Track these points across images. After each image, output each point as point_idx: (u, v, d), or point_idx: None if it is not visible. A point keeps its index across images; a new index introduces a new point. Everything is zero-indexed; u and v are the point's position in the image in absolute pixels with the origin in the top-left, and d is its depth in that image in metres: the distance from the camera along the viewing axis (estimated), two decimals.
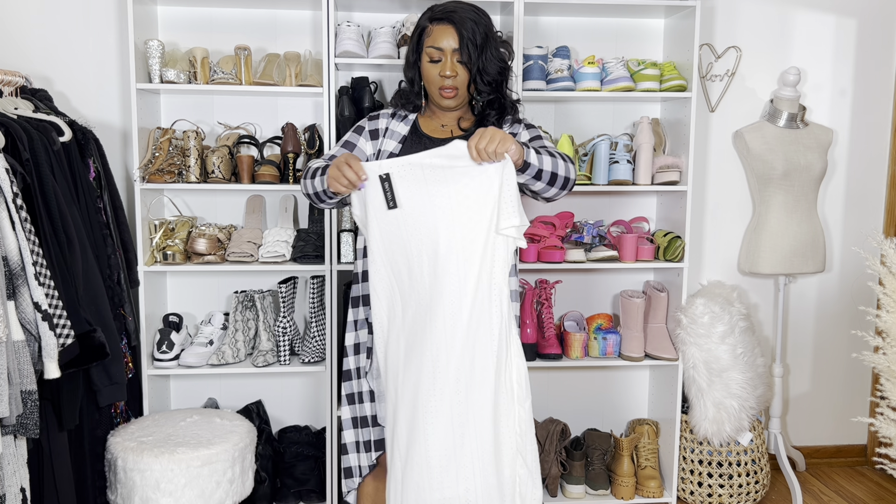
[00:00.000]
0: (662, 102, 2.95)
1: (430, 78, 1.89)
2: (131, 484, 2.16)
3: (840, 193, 3.16)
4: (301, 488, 2.71)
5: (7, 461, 1.80)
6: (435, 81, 1.89)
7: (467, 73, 1.87)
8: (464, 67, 1.86)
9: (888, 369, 1.92)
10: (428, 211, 1.73)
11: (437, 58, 1.86)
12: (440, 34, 1.86)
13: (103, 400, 2.15)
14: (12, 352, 1.75)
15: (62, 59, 2.71)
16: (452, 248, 1.73)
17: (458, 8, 1.88)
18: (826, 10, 3.05)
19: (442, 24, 1.87)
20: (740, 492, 2.83)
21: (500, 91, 1.94)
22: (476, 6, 1.90)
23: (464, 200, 1.72)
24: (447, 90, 1.88)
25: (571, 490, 2.84)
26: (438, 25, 1.87)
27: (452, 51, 1.85)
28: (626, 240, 2.76)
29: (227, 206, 2.86)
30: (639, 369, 3.10)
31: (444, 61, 1.86)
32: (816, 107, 3.09)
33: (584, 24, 2.91)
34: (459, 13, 1.86)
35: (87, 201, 2.21)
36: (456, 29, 1.85)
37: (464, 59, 1.85)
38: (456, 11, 1.87)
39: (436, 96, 1.91)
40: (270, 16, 2.80)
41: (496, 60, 1.88)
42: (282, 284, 2.70)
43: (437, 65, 1.87)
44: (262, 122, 2.84)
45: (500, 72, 1.90)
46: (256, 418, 2.80)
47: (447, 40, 1.85)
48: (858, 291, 3.19)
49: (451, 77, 1.86)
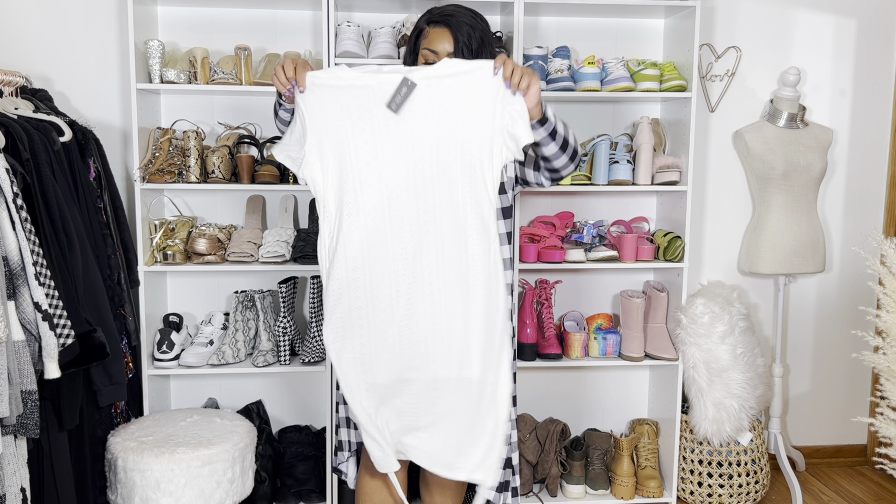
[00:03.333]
0: (662, 102, 2.95)
1: None
2: (131, 484, 2.16)
3: (840, 193, 3.16)
4: (301, 488, 2.71)
5: (7, 461, 1.80)
6: None
7: None
8: None
9: (888, 369, 1.92)
10: (433, 121, 1.71)
11: (432, 60, 1.85)
12: (436, 37, 1.86)
13: (103, 400, 2.15)
14: (12, 352, 1.75)
15: (62, 59, 2.71)
16: (452, 155, 1.72)
17: (455, 11, 1.88)
18: (826, 10, 3.05)
19: (438, 28, 1.87)
20: (740, 492, 2.83)
21: None
22: (474, 11, 1.90)
23: (467, 106, 1.71)
24: None
25: (571, 490, 2.84)
26: (435, 28, 1.87)
27: (447, 54, 1.84)
28: (626, 240, 2.76)
29: (227, 206, 2.86)
30: (639, 369, 3.10)
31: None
32: (816, 107, 3.09)
33: (584, 24, 2.92)
34: (457, 17, 1.86)
35: (87, 201, 2.21)
36: (452, 33, 1.85)
37: None
38: (453, 15, 1.87)
39: None
40: (270, 16, 2.80)
41: None
42: (282, 284, 2.70)
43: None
44: (262, 122, 2.84)
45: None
46: (256, 418, 2.80)
47: (443, 44, 1.85)
48: (858, 291, 3.19)
49: None
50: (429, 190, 1.74)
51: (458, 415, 1.77)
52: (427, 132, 1.73)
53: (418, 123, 1.73)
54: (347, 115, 1.74)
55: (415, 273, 1.74)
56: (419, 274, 1.74)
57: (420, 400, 1.79)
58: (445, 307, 1.75)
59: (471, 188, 1.73)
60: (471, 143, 1.73)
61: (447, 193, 1.73)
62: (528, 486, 2.83)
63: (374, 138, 1.73)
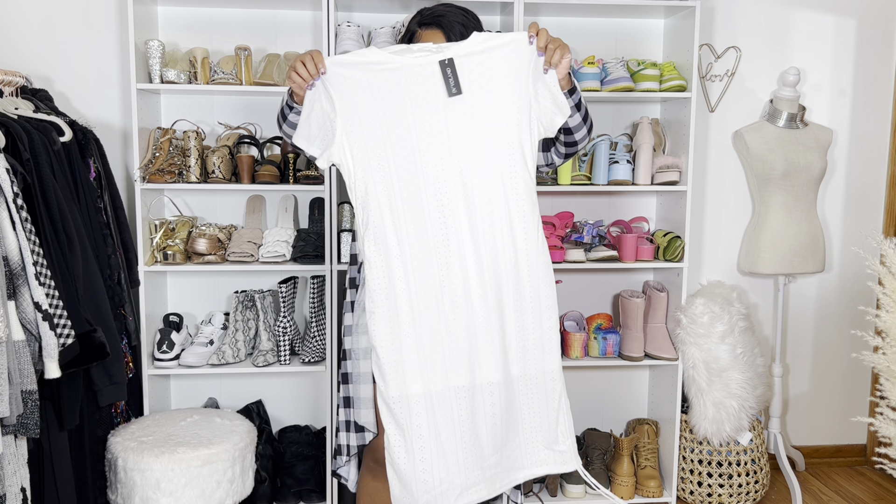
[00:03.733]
0: (662, 102, 2.95)
1: None
2: (131, 484, 2.16)
3: (840, 193, 3.17)
4: (301, 488, 2.71)
5: (7, 461, 1.80)
6: None
7: None
8: None
9: (888, 369, 1.92)
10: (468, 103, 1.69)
11: None
12: (429, 39, 1.84)
13: (104, 400, 2.15)
14: (13, 352, 1.75)
15: (62, 59, 2.71)
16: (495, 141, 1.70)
17: (446, 11, 1.85)
18: (826, 10, 3.05)
19: (430, 29, 1.85)
20: (740, 491, 2.84)
21: None
22: (465, 9, 1.87)
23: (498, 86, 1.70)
24: None
25: (571, 490, 2.84)
26: (427, 30, 1.85)
27: None
28: (625, 240, 2.77)
29: (228, 206, 2.86)
30: (638, 369, 3.10)
31: None
32: (816, 107, 3.09)
33: (583, 24, 2.92)
34: (448, 17, 1.84)
35: (87, 201, 2.21)
36: (444, 33, 1.83)
37: None
38: (444, 15, 1.84)
39: None
40: (270, 16, 2.80)
41: None
42: (282, 284, 2.70)
43: None
44: (262, 122, 2.84)
45: None
46: (256, 418, 2.80)
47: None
48: (858, 291, 3.19)
49: None
50: (466, 173, 1.69)
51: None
52: (462, 113, 1.68)
53: (455, 104, 1.68)
54: (380, 99, 1.68)
55: (452, 263, 1.71)
56: (457, 262, 1.71)
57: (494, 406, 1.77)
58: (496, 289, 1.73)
59: (510, 167, 1.70)
60: (508, 122, 1.69)
61: (485, 176, 1.69)
62: (528, 486, 2.83)
63: (409, 121, 1.68)
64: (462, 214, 1.70)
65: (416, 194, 1.69)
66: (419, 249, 1.69)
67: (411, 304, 1.70)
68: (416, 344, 1.71)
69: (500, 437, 1.77)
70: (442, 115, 1.68)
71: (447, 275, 1.70)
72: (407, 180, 1.69)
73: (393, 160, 1.69)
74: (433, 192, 1.69)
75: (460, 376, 1.72)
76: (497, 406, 1.75)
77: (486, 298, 1.71)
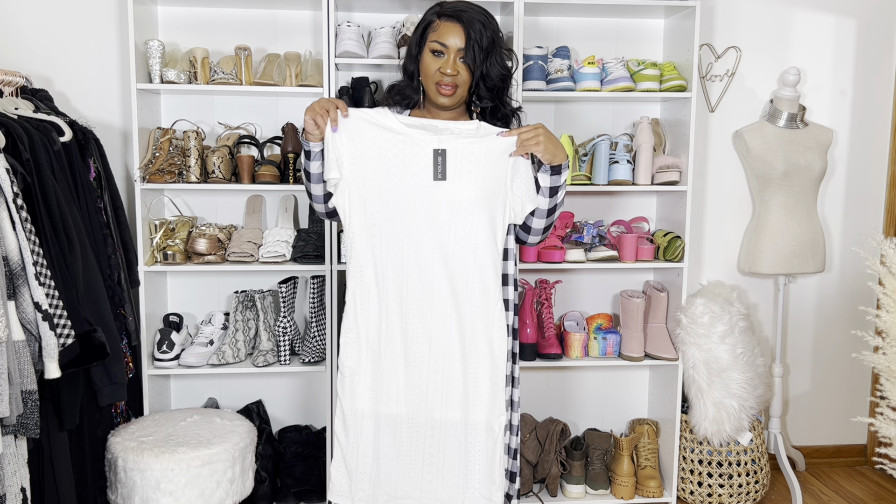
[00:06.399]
0: (662, 102, 2.95)
1: (429, 72, 1.85)
2: (131, 484, 2.16)
3: (840, 193, 3.17)
4: (301, 488, 2.71)
5: (7, 461, 1.80)
6: (433, 76, 1.84)
7: (469, 74, 1.84)
8: (466, 68, 1.83)
9: (888, 369, 1.93)
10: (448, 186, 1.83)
11: (439, 50, 1.83)
12: (447, 31, 1.83)
13: (104, 400, 2.15)
14: (13, 352, 1.75)
15: (62, 59, 2.71)
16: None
17: (468, 8, 1.86)
18: (826, 10, 3.05)
19: (450, 21, 1.84)
20: (740, 491, 2.84)
21: (500, 99, 1.91)
22: (486, 10, 1.88)
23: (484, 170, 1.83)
24: (445, 87, 1.83)
25: (571, 490, 2.84)
26: (447, 22, 1.84)
27: (458, 49, 1.81)
28: (625, 240, 2.77)
29: (228, 206, 2.86)
30: (639, 369, 3.10)
31: (446, 58, 1.82)
32: (816, 107, 3.09)
33: (584, 24, 2.92)
34: (469, 13, 1.84)
35: (87, 201, 2.21)
36: (464, 28, 1.82)
37: (468, 61, 1.82)
38: (466, 11, 1.84)
39: (432, 92, 1.87)
40: (270, 16, 2.80)
41: (499, 67, 1.85)
42: (282, 284, 2.70)
43: (438, 59, 1.83)
44: (262, 122, 2.84)
45: (502, 79, 1.88)
46: (257, 418, 2.80)
47: (454, 38, 1.82)
48: (858, 291, 3.19)
49: (451, 75, 1.82)
50: (445, 243, 1.83)
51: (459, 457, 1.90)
52: (445, 195, 1.81)
53: (439, 186, 1.82)
54: (384, 154, 1.82)
55: (427, 320, 1.86)
56: (430, 321, 1.86)
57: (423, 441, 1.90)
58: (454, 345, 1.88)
59: (483, 242, 1.84)
60: (482, 207, 1.82)
61: (461, 248, 1.83)
62: (528, 486, 2.83)
63: (405, 182, 1.81)
64: (441, 276, 1.83)
65: (399, 245, 1.83)
66: (394, 293, 1.84)
67: (380, 337, 1.85)
68: (375, 370, 1.87)
69: (439, 470, 1.89)
70: (430, 191, 1.82)
71: (416, 325, 1.85)
72: (394, 241, 1.83)
73: (386, 214, 1.83)
74: (414, 256, 1.83)
75: (411, 407, 1.87)
76: (445, 443, 1.88)
77: (446, 347, 1.85)
